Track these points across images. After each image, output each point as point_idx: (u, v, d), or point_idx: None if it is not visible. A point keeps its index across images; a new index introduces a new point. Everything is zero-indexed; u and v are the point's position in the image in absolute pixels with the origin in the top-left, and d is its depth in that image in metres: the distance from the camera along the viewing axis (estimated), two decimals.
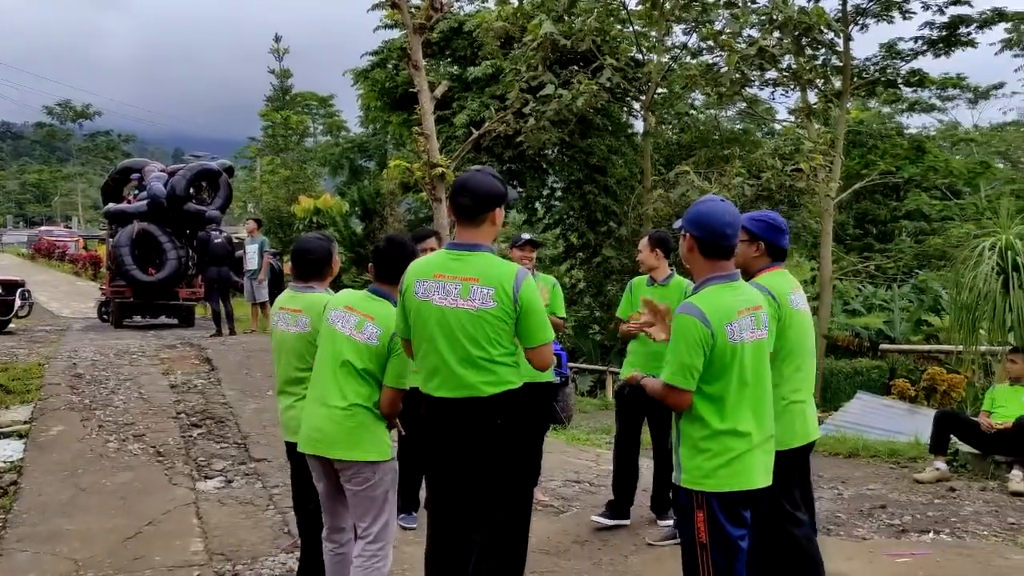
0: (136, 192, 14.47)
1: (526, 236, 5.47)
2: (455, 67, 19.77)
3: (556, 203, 20.73)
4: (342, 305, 3.47)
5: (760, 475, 2.93)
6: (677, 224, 3.10)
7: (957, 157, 33.50)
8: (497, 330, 3.02)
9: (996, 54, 23.38)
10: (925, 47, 20.16)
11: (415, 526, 4.87)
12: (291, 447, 3.68)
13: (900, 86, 22.11)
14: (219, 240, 12.44)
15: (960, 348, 8.25)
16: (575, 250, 19.99)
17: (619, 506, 5.30)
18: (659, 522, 5.19)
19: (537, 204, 20.79)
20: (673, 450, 3.03)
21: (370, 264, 3.68)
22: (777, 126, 22.47)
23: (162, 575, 4.34)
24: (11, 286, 13.50)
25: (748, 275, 3.32)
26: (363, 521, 3.43)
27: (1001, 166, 33.78)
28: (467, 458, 3.09)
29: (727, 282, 2.95)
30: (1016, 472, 6.42)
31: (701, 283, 2.97)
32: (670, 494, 4.68)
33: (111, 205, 14.58)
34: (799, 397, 3.45)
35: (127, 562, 4.48)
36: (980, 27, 19.79)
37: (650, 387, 3.05)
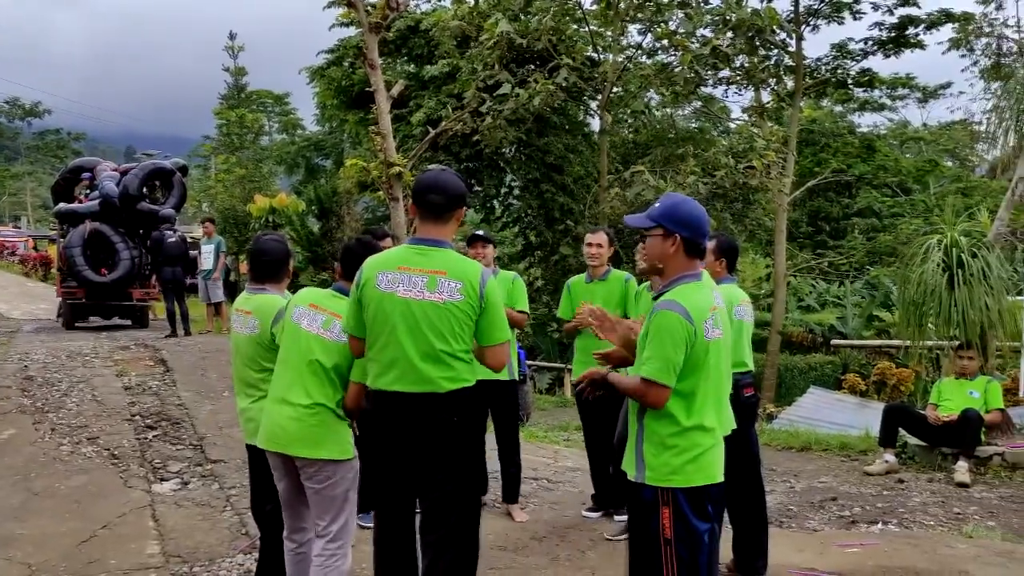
0: (88, 192, 14.18)
1: (479, 232, 5.52)
2: (412, 66, 19.70)
3: (514, 201, 20.79)
4: (306, 303, 3.48)
5: (717, 470, 2.96)
6: (641, 222, 3.03)
7: (907, 155, 34.32)
8: (462, 324, 3.03)
9: (943, 54, 23.98)
10: (875, 47, 20.65)
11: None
12: (250, 449, 3.68)
13: (851, 86, 22.62)
14: (174, 240, 12.29)
15: (908, 343, 8.48)
16: (533, 248, 20.06)
17: (602, 498, 5.41)
18: (616, 516, 5.28)
19: (495, 202, 20.83)
20: (630, 448, 2.99)
21: (336, 263, 3.69)
22: (732, 125, 22.82)
23: None
24: None
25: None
26: (323, 519, 3.44)
27: (949, 164, 34.68)
28: (422, 456, 3.06)
29: (697, 280, 2.99)
30: (961, 463, 6.64)
31: (674, 281, 2.96)
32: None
33: (62, 205, 14.26)
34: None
35: (82, 566, 4.43)
36: (928, 28, 20.32)
37: (623, 384, 3.00)
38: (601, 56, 17.80)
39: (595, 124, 19.66)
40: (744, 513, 4.34)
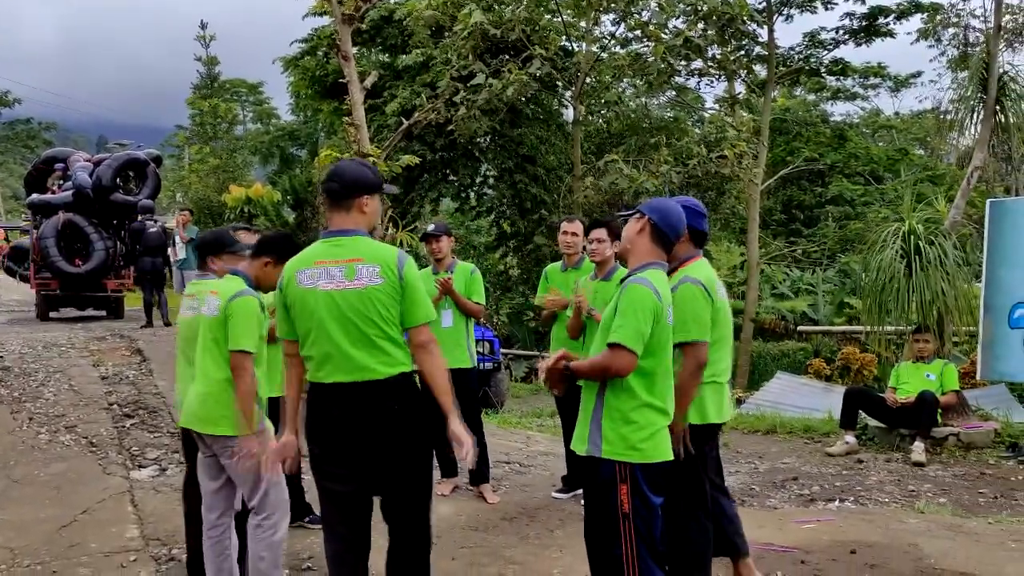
0: (61, 182, 14.12)
1: (429, 229, 5.64)
2: (386, 55, 19.70)
3: (488, 191, 20.89)
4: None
5: (670, 449, 3.14)
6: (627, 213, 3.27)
7: (880, 144, 34.73)
8: (387, 306, 3.02)
9: (912, 44, 24.28)
10: (847, 36, 20.93)
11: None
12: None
13: (823, 75, 22.90)
14: (153, 230, 12.28)
15: (870, 328, 8.73)
16: (508, 238, 20.19)
17: (573, 479, 5.58)
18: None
19: (470, 192, 20.91)
20: (583, 423, 3.12)
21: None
22: (706, 115, 23.03)
23: (99, 561, 4.41)
24: None
25: (673, 262, 3.46)
26: (246, 494, 3.61)
27: (921, 152, 35.14)
28: (366, 445, 3.03)
29: (662, 270, 3.17)
30: (918, 444, 6.89)
31: (644, 265, 3.12)
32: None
33: (35, 196, 14.18)
34: (724, 379, 3.79)
35: (63, 549, 4.53)
36: (898, 18, 20.62)
37: (584, 367, 3.10)
38: (575, 46, 17.92)
39: (569, 114, 19.79)
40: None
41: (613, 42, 18.29)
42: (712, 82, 19.96)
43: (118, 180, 13.75)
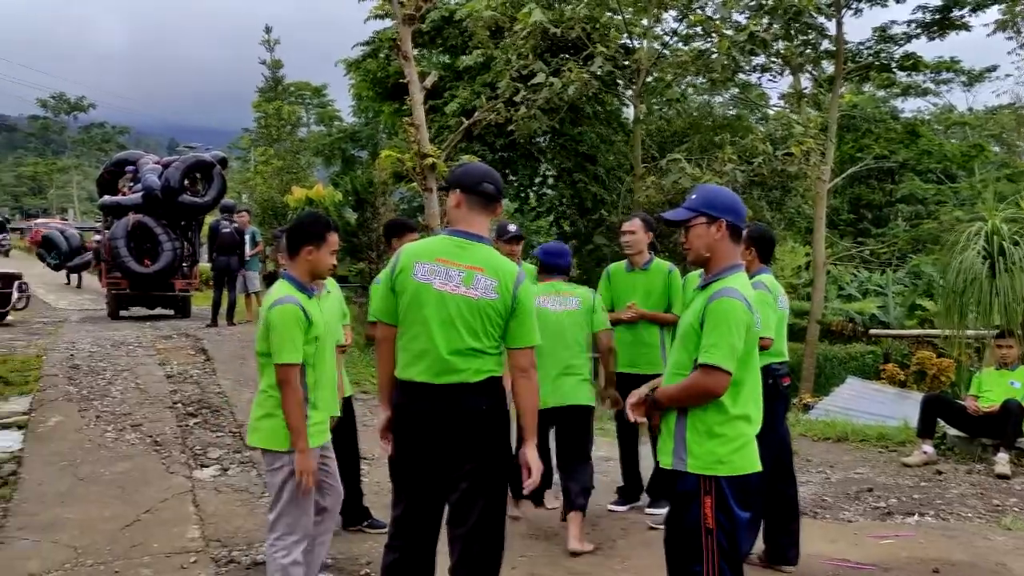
0: (131, 184, 14.47)
1: (512, 229, 5.53)
2: (446, 56, 19.71)
3: (548, 191, 20.76)
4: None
5: (759, 459, 2.97)
6: (681, 215, 3.02)
7: (952, 141, 33.52)
8: (494, 322, 3.01)
9: (988, 36, 23.33)
10: (919, 30, 20.17)
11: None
12: None
13: (894, 70, 22.13)
14: (227, 230, 12.41)
15: (949, 332, 8.35)
16: (567, 238, 20.02)
17: (629, 491, 5.43)
18: (648, 510, 5.28)
19: (529, 192, 20.81)
20: (669, 436, 2.97)
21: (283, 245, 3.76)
22: (770, 111, 22.50)
23: (160, 561, 4.42)
24: (8, 279, 13.55)
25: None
26: (269, 508, 3.55)
27: (996, 149, 33.82)
28: (450, 446, 3.02)
29: (742, 271, 3.01)
30: (1002, 455, 6.53)
31: (725, 269, 2.95)
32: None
33: (107, 197, 14.58)
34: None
35: (125, 549, 4.57)
36: (973, 10, 19.79)
37: (672, 393, 2.94)
38: (636, 44, 17.65)
39: (629, 113, 19.53)
40: (776, 503, 4.33)
41: (675, 39, 17.97)
42: (776, 78, 19.43)
43: (186, 182, 14.03)
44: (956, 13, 19.79)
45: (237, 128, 46.41)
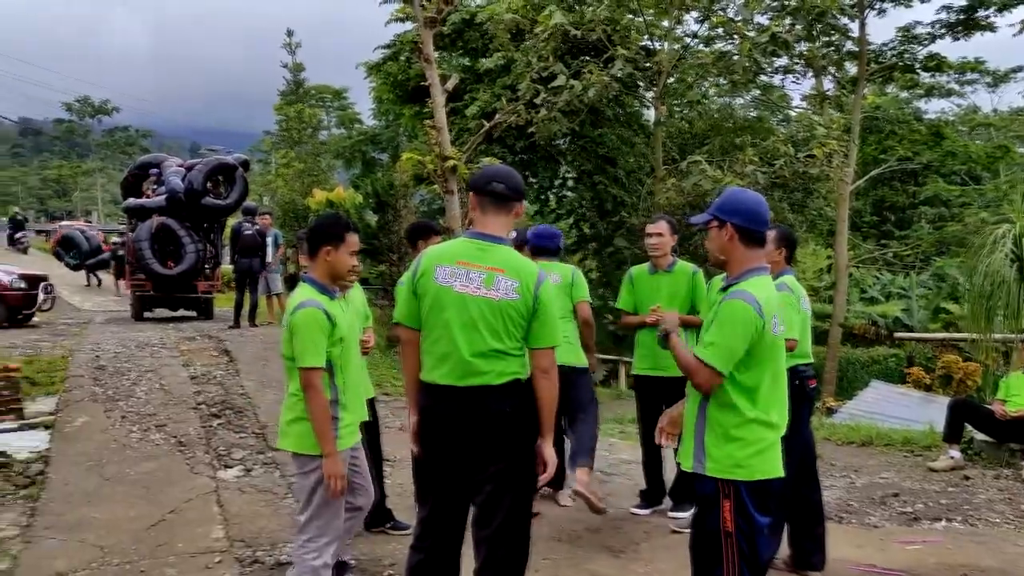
0: (155, 187, 14.60)
1: (513, 234, 5.54)
2: (467, 59, 19.76)
3: (568, 193, 20.74)
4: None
5: (779, 464, 2.95)
6: (701, 219, 3.07)
7: (976, 142, 33.13)
8: (516, 323, 3.00)
9: (1014, 36, 23.04)
10: (943, 31, 19.96)
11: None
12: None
13: (918, 71, 21.90)
14: (250, 232, 12.48)
15: (976, 336, 8.25)
16: (587, 240, 20.00)
17: (651, 494, 5.40)
18: (670, 513, 5.25)
19: (549, 194, 20.80)
20: (689, 438, 3.00)
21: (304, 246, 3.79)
22: (791, 113, 22.35)
23: (185, 561, 4.45)
24: (35, 280, 13.72)
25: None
26: (299, 510, 3.55)
27: (1022, 151, 33.37)
28: (474, 448, 3.02)
29: (765, 274, 3.00)
30: None
31: (743, 273, 2.96)
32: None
33: (131, 200, 14.72)
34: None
35: (151, 549, 4.60)
36: (999, 10, 19.56)
37: (680, 352, 3.02)
38: (657, 46, 17.61)
39: (650, 115, 19.48)
40: (800, 507, 4.29)
41: (696, 40, 17.91)
42: (798, 79, 19.30)
43: (208, 184, 14.14)
44: (981, 13, 19.57)
45: (258, 131, 46.81)
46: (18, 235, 33.16)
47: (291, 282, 14.00)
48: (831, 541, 4.50)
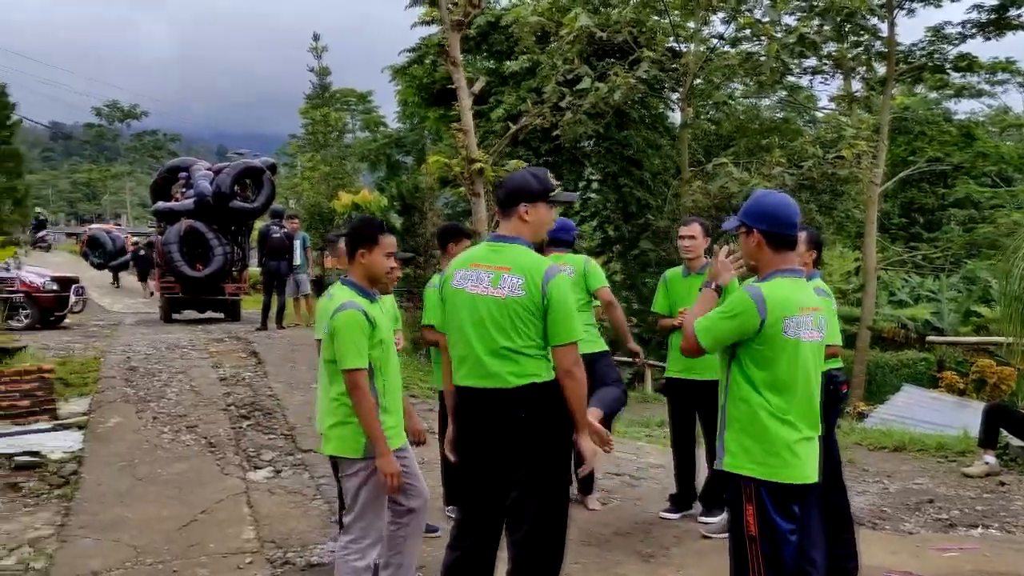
0: (184, 190, 14.75)
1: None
2: (492, 62, 19.81)
3: (592, 195, 20.71)
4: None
5: (807, 470, 2.92)
6: (731, 224, 3.08)
7: (1008, 143, 32.63)
8: (524, 320, 3.00)
9: None
10: (974, 30, 19.70)
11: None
12: None
13: (948, 71, 21.63)
14: (278, 235, 12.53)
15: (1011, 340, 8.11)
16: (612, 243, 19.96)
17: (682, 498, 5.36)
18: (700, 518, 5.20)
19: (575, 194, 20.78)
20: (717, 435, 3.03)
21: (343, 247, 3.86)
22: (819, 114, 22.15)
23: (217, 561, 4.48)
24: (66, 282, 13.92)
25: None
26: (345, 510, 3.55)
27: None
28: (494, 451, 3.06)
29: (793, 276, 2.97)
30: None
31: (768, 275, 2.98)
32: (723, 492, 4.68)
33: (160, 203, 14.89)
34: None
35: (183, 549, 4.64)
36: None
37: (695, 311, 3.07)
38: (683, 47, 17.54)
39: (675, 117, 19.41)
40: (828, 513, 4.23)
41: (722, 42, 17.80)
42: (827, 80, 19.14)
43: (236, 188, 14.26)
44: (1013, 12, 19.29)
45: (282, 134, 47.16)
46: (40, 234, 33.91)
47: (316, 285, 14.10)
48: (865, 547, 4.44)
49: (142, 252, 23.60)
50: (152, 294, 22.66)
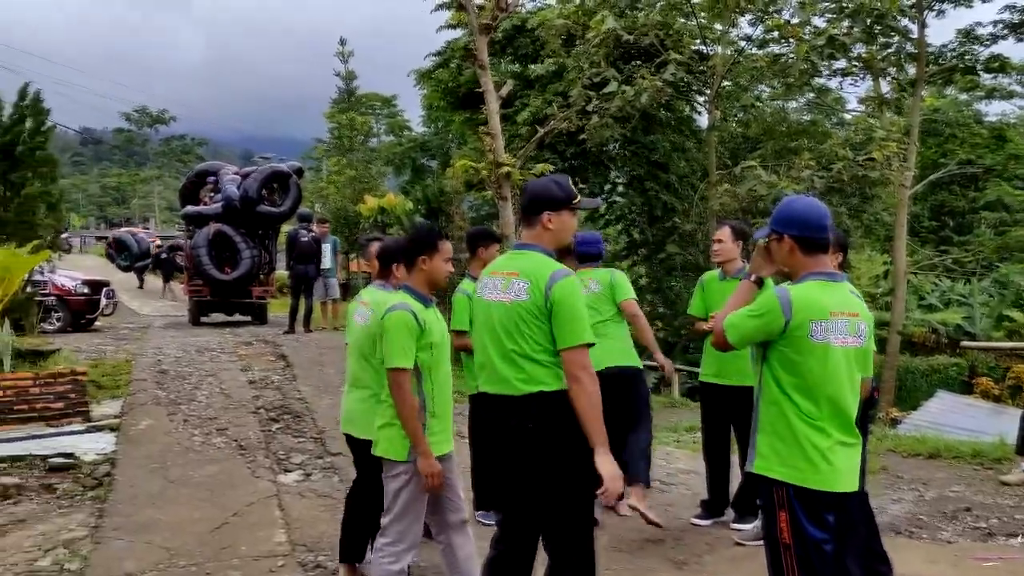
0: (212, 195, 14.90)
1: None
2: (517, 65, 19.80)
3: (618, 199, 20.64)
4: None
5: (842, 479, 2.85)
6: (762, 233, 3.09)
7: None
8: (528, 323, 3.00)
9: None
10: (1006, 31, 19.41)
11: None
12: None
13: (979, 72, 21.31)
14: (306, 239, 12.60)
15: None
16: (637, 246, 19.87)
17: (714, 505, 5.31)
18: (733, 525, 5.14)
19: (599, 200, 20.72)
20: (750, 437, 3.01)
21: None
22: (847, 116, 21.93)
23: (249, 564, 4.50)
24: (97, 286, 14.10)
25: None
26: (384, 512, 3.55)
27: None
28: (506, 460, 3.07)
29: (827, 280, 2.93)
30: None
31: (801, 278, 2.97)
32: (756, 500, 4.60)
33: (188, 207, 15.04)
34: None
35: (215, 551, 4.66)
36: None
37: (720, 314, 3.11)
38: (710, 50, 17.42)
39: (702, 120, 19.29)
40: None
41: (750, 44, 17.67)
42: (856, 82, 18.92)
43: (263, 192, 14.37)
44: None
45: (309, 138, 47.45)
46: (63, 236, 34.41)
47: (344, 289, 14.18)
48: (902, 556, 4.36)
49: (164, 255, 23.98)
50: (163, 296, 23.00)
